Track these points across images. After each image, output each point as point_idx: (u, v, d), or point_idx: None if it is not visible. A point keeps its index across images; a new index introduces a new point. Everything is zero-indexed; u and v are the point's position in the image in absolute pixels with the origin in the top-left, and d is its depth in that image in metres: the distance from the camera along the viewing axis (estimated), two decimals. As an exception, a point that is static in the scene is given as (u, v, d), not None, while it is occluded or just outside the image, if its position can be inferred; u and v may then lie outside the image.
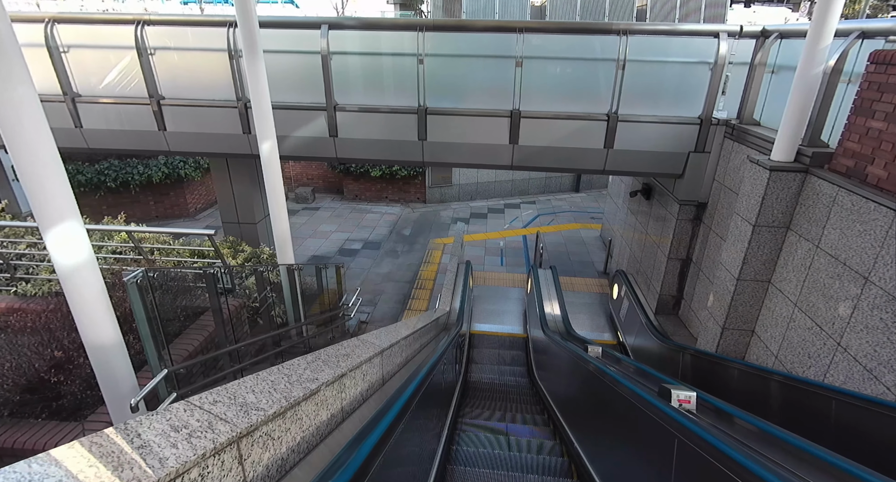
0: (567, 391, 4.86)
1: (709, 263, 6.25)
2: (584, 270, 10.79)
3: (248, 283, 5.59)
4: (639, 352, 7.19)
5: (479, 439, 4.17)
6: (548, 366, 6.34)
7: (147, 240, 5.90)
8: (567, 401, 4.84)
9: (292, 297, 5.64)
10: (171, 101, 6.60)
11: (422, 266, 10.79)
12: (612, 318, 8.86)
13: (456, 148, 6.60)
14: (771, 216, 4.59)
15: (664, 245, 7.04)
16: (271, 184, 5.32)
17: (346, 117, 6.54)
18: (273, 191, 5.39)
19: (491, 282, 10.27)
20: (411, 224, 13.48)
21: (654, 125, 6.17)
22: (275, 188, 5.35)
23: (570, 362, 4.78)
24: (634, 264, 8.45)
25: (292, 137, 6.69)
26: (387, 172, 14.28)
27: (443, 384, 4.23)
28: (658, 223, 7.34)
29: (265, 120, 4.96)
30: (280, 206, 5.46)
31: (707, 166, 6.26)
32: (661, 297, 7.22)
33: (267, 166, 5.21)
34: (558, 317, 7.34)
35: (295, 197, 15.04)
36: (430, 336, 5.41)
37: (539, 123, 6.30)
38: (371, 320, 8.78)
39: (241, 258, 6.00)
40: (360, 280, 10.19)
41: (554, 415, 5.26)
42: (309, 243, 11.98)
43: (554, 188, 16.40)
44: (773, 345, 4.74)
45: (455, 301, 7.83)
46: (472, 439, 4.20)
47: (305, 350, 6.00)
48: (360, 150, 6.78)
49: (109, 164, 11.83)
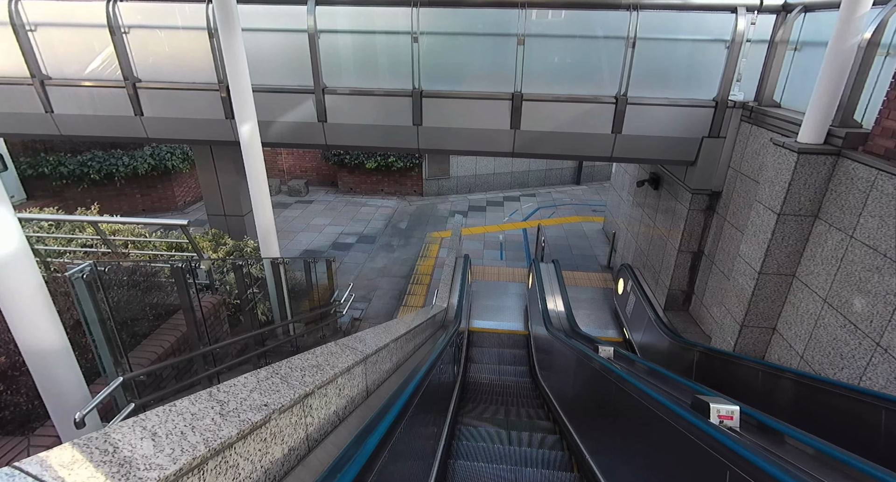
0: (575, 395, 4.48)
1: (723, 256, 5.86)
2: (587, 264, 10.41)
3: (230, 279, 5.19)
4: (647, 349, 6.82)
5: (480, 451, 3.78)
6: (552, 366, 5.97)
7: (121, 232, 5.49)
8: (576, 406, 4.45)
9: (278, 294, 5.24)
10: (148, 84, 6.15)
11: (418, 260, 10.39)
12: (616, 314, 8.49)
13: (453, 133, 6.18)
14: (797, 204, 4.20)
15: (674, 237, 6.65)
16: (253, 171, 4.90)
17: (336, 101, 6.11)
18: (255, 178, 4.97)
19: (490, 277, 9.88)
20: (407, 217, 13.07)
21: (665, 108, 5.76)
22: (257, 175, 4.93)
23: (578, 363, 4.40)
24: (641, 258, 8.07)
25: (278, 123, 6.26)
26: (382, 164, 13.84)
27: (438, 390, 3.85)
28: (667, 214, 6.94)
29: (244, 101, 4.54)
30: (262, 195, 5.04)
31: (722, 152, 5.86)
32: (670, 293, 6.84)
33: (248, 151, 4.79)
34: (562, 313, 6.95)
35: (288, 190, 14.60)
36: (425, 335, 5.02)
37: (542, 107, 5.88)
38: (365, 317, 8.39)
39: (222, 251, 5.59)
40: (354, 275, 9.79)
41: (561, 421, 4.88)
42: (301, 237, 11.56)
43: (554, 180, 15.99)
44: (798, 344, 4.35)
45: (453, 297, 7.44)
46: (472, 451, 3.82)
47: (292, 350, 5.60)
48: (351, 136, 6.35)
49: (93, 156, 11.37)
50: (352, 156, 13.76)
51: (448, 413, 4.53)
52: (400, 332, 3.16)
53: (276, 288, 5.21)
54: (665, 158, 6.09)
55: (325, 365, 1.75)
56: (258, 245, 5.93)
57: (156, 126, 6.44)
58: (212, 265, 4.91)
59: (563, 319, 6.79)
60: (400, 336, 3.10)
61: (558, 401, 5.23)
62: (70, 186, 11.44)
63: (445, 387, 4.55)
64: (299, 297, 6.45)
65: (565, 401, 4.88)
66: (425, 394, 2.70)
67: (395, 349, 3.07)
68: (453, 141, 6.23)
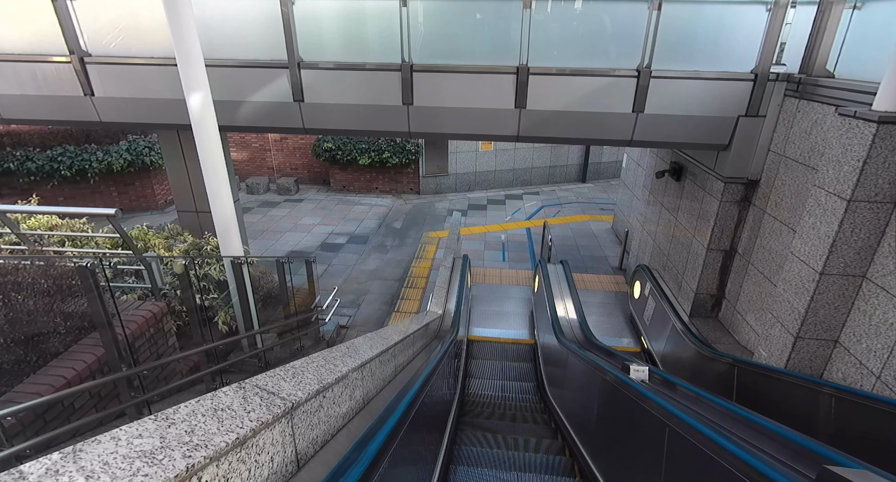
0: (598, 427, 3.63)
1: (763, 255, 5.03)
2: (597, 266, 9.58)
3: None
4: (671, 361, 5.98)
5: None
6: (564, 383, 5.14)
7: (60, 227, 4.67)
8: (600, 441, 3.61)
9: (241, 299, 4.42)
10: (99, 58, 5.35)
11: (413, 262, 9.57)
12: (632, 320, 7.65)
13: (449, 114, 5.37)
14: (873, 187, 3.38)
15: (702, 234, 5.82)
16: (207, 152, 4.09)
17: (314, 77, 5.30)
18: (210, 162, 4.15)
19: (492, 279, 9.06)
20: (403, 216, 12.26)
21: (694, 83, 4.94)
22: (212, 158, 4.12)
23: (601, 386, 3.57)
24: (660, 258, 7.24)
25: (248, 103, 5.45)
26: (376, 160, 13.04)
27: (430, 418, 3.02)
28: (693, 208, 6.12)
29: (191, 62, 3.73)
30: (220, 183, 4.23)
31: (761, 134, 5.04)
32: (696, 297, 6.01)
33: (199, 128, 3.98)
34: (575, 321, 6.11)
35: (277, 188, 13.79)
36: (414, 350, 4.19)
37: (552, 82, 5.07)
38: (352, 324, 7.56)
39: (178, 250, 4.77)
40: (343, 278, 8.96)
41: (580, 456, 4.04)
42: (288, 237, 10.74)
43: (559, 178, 15.18)
44: (873, 361, 3.52)
45: (450, 302, 6.61)
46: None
47: (260, 366, 4.78)
48: (333, 118, 5.54)
49: (64, 150, 10.57)
50: (344, 151, 12.96)
51: (443, 442, 3.70)
52: (373, 353, 2.33)
53: (240, 292, 4.39)
54: (694, 142, 5.27)
55: (231, 418, 0.92)
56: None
57: (109, 108, 5.63)
58: (159, 265, 4.08)
59: (577, 328, 5.95)
60: (372, 358, 2.28)
61: (574, 428, 4.39)
62: (39, 183, 10.63)
63: (440, 410, 3.73)
64: (272, 303, 5.63)
65: (584, 431, 4.04)
66: (411, 431, 1.89)
67: (367, 374, 2.26)
68: (449, 123, 5.42)
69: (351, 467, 1.23)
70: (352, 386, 1.92)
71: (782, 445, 2.04)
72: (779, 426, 2.22)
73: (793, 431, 2.13)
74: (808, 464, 1.86)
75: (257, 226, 11.38)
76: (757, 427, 2.31)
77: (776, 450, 2.05)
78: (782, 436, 2.10)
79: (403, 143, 12.87)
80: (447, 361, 4.37)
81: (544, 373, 6.15)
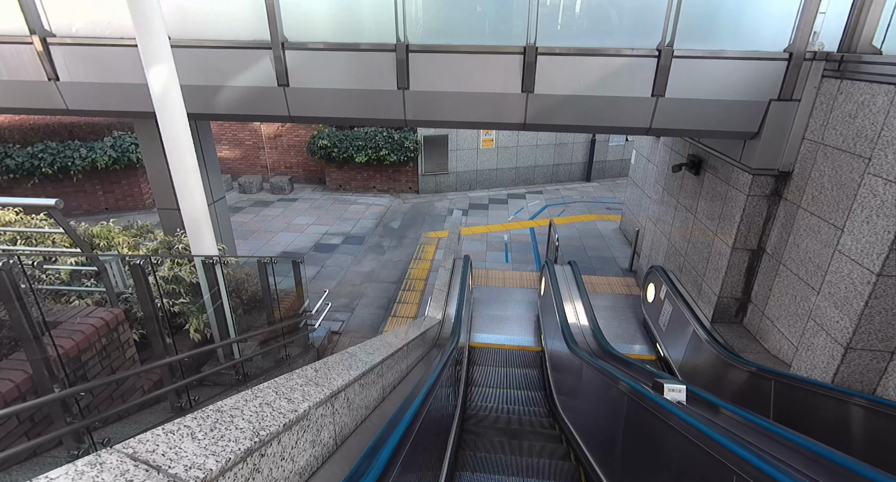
0: (619, 448, 3.12)
1: (797, 254, 4.52)
2: (605, 267, 9.08)
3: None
4: (691, 371, 5.48)
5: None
6: (576, 392, 4.63)
7: (14, 223, 4.17)
8: (620, 464, 3.10)
9: (215, 303, 3.92)
10: (64, 39, 4.86)
11: (411, 263, 9.06)
12: (645, 326, 7.14)
13: (449, 100, 4.87)
14: (946, 173, 2.88)
15: (725, 232, 5.32)
16: (172, 138, 3.60)
17: (300, 59, 4.81)
18: (176, 148, 3.66)
19: (494, 281, 8.55)
20: (401, 216, 11.76)
21: (721, 63, 4.45)
22: (177, 144, 3.62)
23: (622, 403, 3.06)
24: (676, 259, 6.73)
25: (227, 88, 4.96)
26: (374, 158, 12.54)
27: (428, 443, 2.52)
28: (714, 204, 5.62)
29: (151, 34, 3.23)
30: (188, 173, 3.73)
31: (795, 120, 4.54)
32: (720, 301, 5.50)
33: (162, 108, 3.49)
34: (587, 328, 5.60)
35: (270, 187, 13.30)
36: (410, 361, 3.68)
37: (562, 63, 4.58)
38: (345, 330, 7.05)
39: (145, 249, 4.27)
40: (337, 280, 8.45)
41: (594, 476, 3.53)
42: (280, 238, 10.23)
43: (563, 177, 14.68)
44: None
45: (450, 306, 6.10)
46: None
47: (237, 378, 4.27)
48: (321, 104, 5.05)
49: (45, 147, 10.08)
50: (340, 149, 12.47)
51: (445, 459, 3.20)
52: (340, 382, 1.82)
53: (214, 296, 3.89)
54: (719, 130, 4.77)
55: None
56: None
57: (77, 94, 5.14)
58: (121, 265, 3.58)
59: (589, 336, 5.44)
60: (343, 387, 1.77)
61: (591, 448, 3.88)
62: (19, 181, 10.14)
63: (440, 430, 3.22)
64: (256, 308, 5.13)
65: (603, 455, 3.52)
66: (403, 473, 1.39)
67: (322, 419, 1.75)
68: (449, 109, 4.92)
69: None
70: (316, 426, 1.42)
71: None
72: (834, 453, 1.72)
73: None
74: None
75: (248, 226, 10.88)
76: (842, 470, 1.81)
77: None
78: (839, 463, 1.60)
79: (401, 141, 12.39)
80: (447, 375, 3.88)
81: (553, 381, 5.63)
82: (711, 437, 1.87)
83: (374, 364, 2.31)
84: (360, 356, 2.33)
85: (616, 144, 14.71)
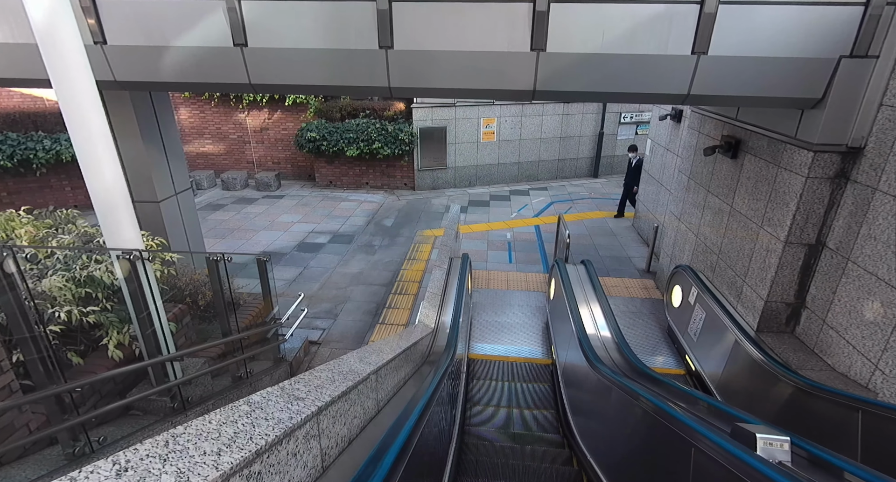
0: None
1: (874, 249, 3.63)
2: (620, 268, 8.19)
3: (47, 285, 2.97)
4: (734, 390, 4.58)
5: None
6: (600, 418, 3.74)
7: None
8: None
9: (137, 311, 3.03)
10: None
11: (404, 264, 8.17)
12: (671, 334, 6.24)
13: (442, 62, 4.00)
14: None
15: (775, 224, 4.43)
16: (67, 91, 2.71)
17: (260, 12, 3.94)
18: (74, 107, 2.77)
19: (496, 284, 7.66)
20: (395, 213, 10.87)
21: (780, 9, 3.57)
22: (76, 101, 2.74)
23: (674, 447, 2.17)
24: (706, 258, 5.84)
25: (173, 50, 4.08)
26: (366, 151, 11.66)
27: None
28: (759, 191, 4.73)
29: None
30: (94, 141, 2.86)
31: (870, 81, 3.66)
32: (767, 306, 4.61)
33: (48, 45, 2.60)
34: (609, 338, 4.70)
35: (255, 183, 12.43)
36: (387, 389, 2.78)
37: (581, 12, 3.70)
38: (326, 339, 6.15)
39: (56, 242, 3.39)
40: (320, 283, 7.56)
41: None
42: (261, 237, 9.35)
43: (568, 173, 13.80)
44: None
45: (445, 313, 5.21)
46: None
47: (172, 407, 3.37)
48: (288, 70, 4.18)
49: (5, 137, 9.22)
50: (329, 141, 11.60)
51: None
52: (267, 438, 0.94)
53: (134, 301, 3.00)
54: (774, 95, 3.89)
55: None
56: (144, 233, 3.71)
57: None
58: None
59: (612, 348, 4.54)
60: (269, 445, 0.88)
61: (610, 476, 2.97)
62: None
63: (440, 453, 2.34)
64: (216, 317, 4.25)
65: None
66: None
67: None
68: (443, 74, 4.05)
69: None
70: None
71: None
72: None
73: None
74: None
75: (228, 224, 10.00)
76: None
77: None
78: None
79: (395, 133, 11.52)
80: (445, 395, 2.99)
81: (567, 399, 4.73)
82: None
83: (336, 396, 1.44)
84: (335, 375, 1.45)
85: (625, 138, 13.84)
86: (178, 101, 12.65)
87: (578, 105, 12.93)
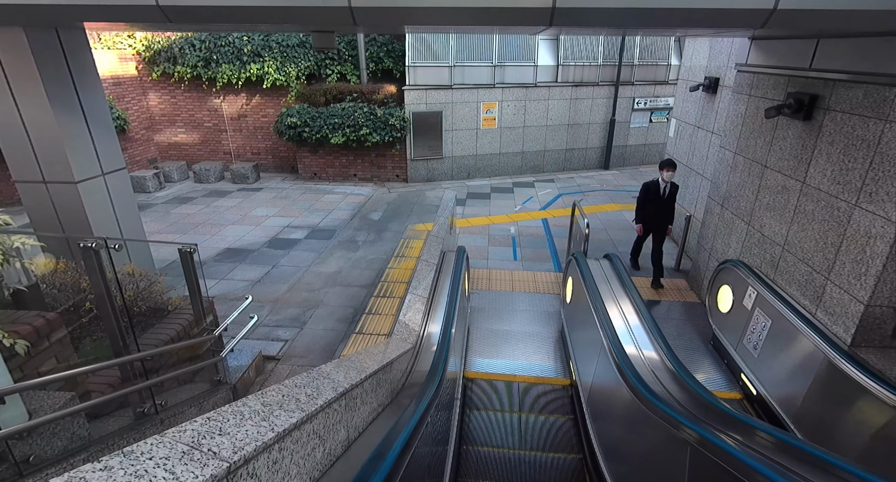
0: None
1: None
2: (644, 265, 6.97)
3: None
4: (826, 426, 3.37)
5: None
6: (653, 474, 2.53)
7: None
8: None
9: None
10: None
11: (391, 261, 6.97)
12: (715, 346, 5.04)
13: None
14: None
15: (881, 199, 3.23)
16: None
17: None
18: None
19: (499, 285, 6.47)
20: (384, 206, 9.69)
21: None
22: None
23: None
24: (763, 251, 4.64)
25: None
26: (352, 138, 10.48)
27: None
28: (851, 157, 3.53)
29: None
30: None
31: None
32: (867, 312, 3.40)
33: None
34: (653, 357, 3.46)
35: (231, 175, 11.25)
36: (337, 439, 1.58)
37: None
38: (287, 353, 4.95)
39: None
40: (289, 284, 6.37)
41: None
42: (228, 232, 8.16)
43: (576, 164, 12.62)
44: None
45: (433, 321, 4.00)
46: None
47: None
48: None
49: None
50: (312, 127, 10.42)
51: None
52: None
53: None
54: (888, 9, 2.69)
55: None
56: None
57: None
58: None
59: (660, 368, 3.31)
60: None
61: None
62: None
63: None
64: (87, 331, 3.04)
65: None
66: None
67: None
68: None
69: None
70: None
71: None
72: None
73: None
74: None
75: (193, 218, 8.81)
76: None
77: None
78: None
79: (385, 117, 10.34)
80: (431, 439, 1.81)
81: (596, 437, 3.51)
82: None
83: None
84: None
85: (638, 126, 12.67)
86: (146, 86, 11.51)
87: (588, 89, 11.77)
